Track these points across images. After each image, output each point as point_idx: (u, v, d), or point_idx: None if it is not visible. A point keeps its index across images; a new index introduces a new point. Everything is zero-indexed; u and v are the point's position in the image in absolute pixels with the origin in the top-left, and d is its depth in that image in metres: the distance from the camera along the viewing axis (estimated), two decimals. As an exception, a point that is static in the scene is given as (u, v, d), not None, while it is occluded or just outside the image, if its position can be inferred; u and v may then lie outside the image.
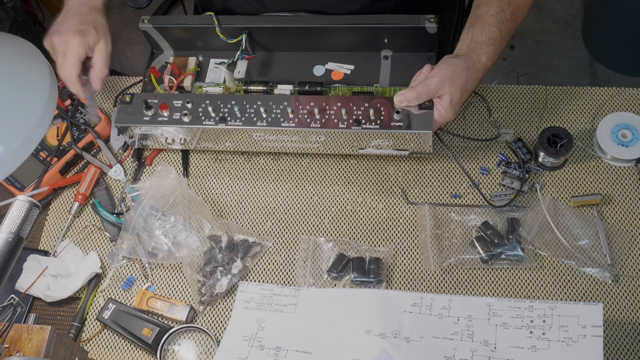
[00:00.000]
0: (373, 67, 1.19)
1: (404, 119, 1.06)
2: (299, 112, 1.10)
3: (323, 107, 1.09)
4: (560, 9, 2.44)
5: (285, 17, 1.22)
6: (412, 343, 1.02)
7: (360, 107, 1.09)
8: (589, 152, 1.19)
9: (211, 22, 1.18)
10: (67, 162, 1.24)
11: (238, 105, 1.11)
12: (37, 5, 2.16)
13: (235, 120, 1.11)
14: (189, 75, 1.23)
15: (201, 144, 1.20)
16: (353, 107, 1.09)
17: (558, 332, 0.99)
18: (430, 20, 1.12)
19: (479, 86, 1.26)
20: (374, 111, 1.07)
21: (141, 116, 1.14)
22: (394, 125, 1.07)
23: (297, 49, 1.22)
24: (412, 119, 1.06)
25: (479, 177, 1.19)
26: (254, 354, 1.05)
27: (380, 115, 1.07)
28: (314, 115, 1.09)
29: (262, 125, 1.10)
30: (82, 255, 1.18)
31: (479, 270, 1.12)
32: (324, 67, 1.21)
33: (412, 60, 1.16)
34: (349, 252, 1.14)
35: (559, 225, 1.11)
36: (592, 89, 1.25)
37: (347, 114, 1.08)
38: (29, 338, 0.93)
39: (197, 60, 1.25)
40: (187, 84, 1.23)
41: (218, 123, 1.11)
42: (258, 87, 1.19)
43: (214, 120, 1.11)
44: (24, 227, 0.82)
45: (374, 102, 1.08)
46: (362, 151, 1.14)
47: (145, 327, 1.10)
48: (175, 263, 1.16)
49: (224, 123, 1.11)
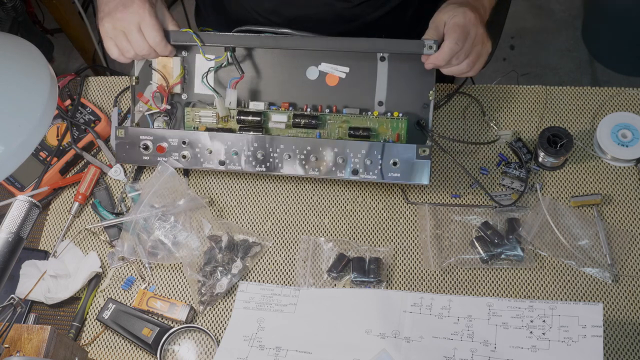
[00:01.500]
0: (369, 70, 1.15)
1: (401, 170, 1.09)
2: (297, 158, 1.12)
3: (320, 152, 1.11)
4: (560, 9, 2.44)
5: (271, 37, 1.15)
6: (412, 343, 1.02)
7: (357, 155, 1.10)
8: (589, 152, 1.19)
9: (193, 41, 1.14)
10: (67, 162, 1.24)
11: (235, 148, 1.13)
12: (37, 5, 2.16)
13: (235, 164, 1.14)
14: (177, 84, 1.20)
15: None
16: (350, 153, 1.10)
17: (558, 332, 0.99)
18: (430, 47, 1.08)
19: (476, 86, 1.26)
20: (370, 161, 1.10)
21: (140, 155, 1.17)
22: (391, 176, 1.10)
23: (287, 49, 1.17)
24: (410, 170, 1.09)
25: (478, 177, 1.19)
26: (254, 354, 1.05)
27: (378, 165, 1.10)
28: (311, 162, 1.12)
29: (261, 170, 1.14)
30: (82, 255, 1.18)
31: (479, 270, 1.12)
32: (318, 70, 1.17)
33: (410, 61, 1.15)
34: (349, 252, 1.14)
35: (559, 225, 1.11)
36: (592, 89, 1.25)
37: (344, 162, 1.11)
38: (29, 338, 0.93)
39: (181, 59, 1.19)
40: (178, 90, 1.20)
41: (218, 166, 1.15)
42: (252, 119, 1.16)
43: (213, 164, 1.15)
44: (24, 227, 0.82)
45: (371, 150, 1.10)
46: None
47: (145, 327, 1.10)
48: (175, 263, 1.16)
49: (223, 166, 1.14)
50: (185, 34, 1.15)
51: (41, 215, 1.23)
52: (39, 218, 1.07)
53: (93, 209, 1.21)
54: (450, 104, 1.25)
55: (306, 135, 1.16)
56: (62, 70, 2.47)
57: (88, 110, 1.28)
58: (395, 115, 1.14)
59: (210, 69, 1.17)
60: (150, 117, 1.20)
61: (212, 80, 1.18)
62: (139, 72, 1.20)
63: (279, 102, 1.18)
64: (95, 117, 1.27)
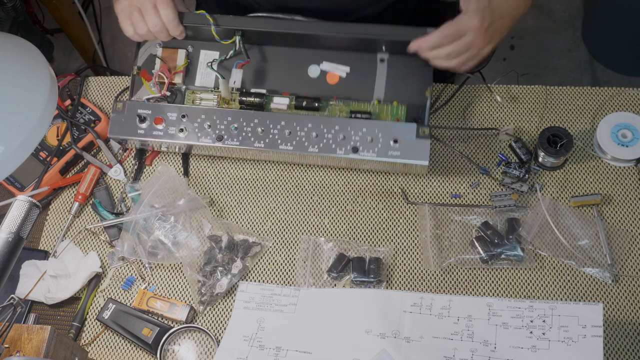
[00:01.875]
0: (369, 70, 1.17)
1: (401, 148, 1.09)
2: (297, 135, 1.12)
3: (321, 129, 1.11)
4: (560, 9, 2.44)
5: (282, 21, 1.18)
6: (412, 343, 1.02)
7: (358, 133, 1.10)
8: (589, 152, 1.19)
9: (205, 22, 1.15)
10: (67, 162, 1.24)
11: (235, 123, 1.12)
12: (37, 5, 2.16)
13: (233, 139, 1.13)
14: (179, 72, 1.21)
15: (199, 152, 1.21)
16: (351, 131, 1.10)
17: (558, 332, 0.99)
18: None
19: (476, 87, 1.26)
20: (371, 139, 1.10)
21: (135, 128, 1.15)
22: (391, 154, 1.09)
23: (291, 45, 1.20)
24: (410, 149, 1.09)
25: (478, 177, 1.19)
26: (254, 354, 1.05)
27: (378, 143, 1.10)
28: (312, 138, 1.11)
29: (260, 146, 1.12)
30: (82, 255, 1.18)
31: (479, 270, 1.12)
32: (319, 68, 1.19)
33: (409, 63, 1.15)
34: (349, 252, 1.14)
35: (559, 225, 1.12)
36: (592, 89, 1.25)
37: (344, 139, 1.10)
38: (29, 338, 0.93)
39: (186, 53, 1.21)
40: (179, 80, 1.21)
41: (215, 141, 1.13)
42: (254, 100, 1.17)
43: (210, 139, 1.13)
44: (24, 227, 0.82)
45: (372, 128, 1.10)
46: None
47: (145, 327, 1.10)
48: (175, 263, 1.16)
49: (220, 142, 1.13)
50: (198, 15, 1.15)
51: (41, 215, 1.23)
52: (39, 218, 1.07)
53: (93, 209, 1.21)
54: (450, 105, 1.25)
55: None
56: (62, 70, 2.47)
57: (88, 110, 1.28)
58: (394, 104, 1.15)
59: (216, 60, 1.19)
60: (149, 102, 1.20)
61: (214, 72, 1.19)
62: (142, 64, 1.21)
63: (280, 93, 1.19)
64: (95, 117, 1.27)
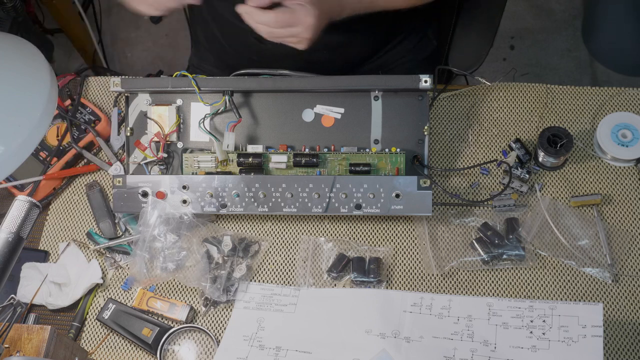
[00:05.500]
0: (364, 109, 1.15)
1: (404, 202, 1.09)
2: (299, 197, 1.11)
3: (322, 189, 1.10)
4: (560, 9, 2.44)
5: (269, 78, 1.15)
6: (412, 343, 1.02)
7: (359, 189, 1.10)
8: (589, 152, 1.19)
9: (189, 85, 1.14)
10: (67, 162, 1.24)
11: (236, 189, 1.12)
12: (37, 5, 2.16)
13: (236, 206, 1.12)
14: (173, 132, 1.18)
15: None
16: (352, 188, 1.10)
17: (558, 332, 0.99)
18: (426, 81, 1.09)
19: (476, 87, 1.26)
20: (373, 194, 1.09)
21: (139, 203, 1.14)
22: (394, 209, 1.09)
23: (283, 92, 1.17)
24: (412, 201, 1.09)
25: (479, 177, 1.19)
26: (254, 354, 1.05)
27: (380, 198, 1.10)
28: (314, 199, 1.11)
29: (264, 211, 1.12)
30: (83, 259, 1.17)
31: (479, 271, 1.12)
32: (313, 112, 1.16)
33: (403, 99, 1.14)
34: (349, 252, 1.14)
35: (559, 225, 1.12)
36: (592, 89, 1.25)
37: (346, 198, 1.10)
38: (29, 338, 0.93)
39: (177, 108, 1.18)
40: (173, 138, 1.18)
41: (219, 209, 1.13)
42: (252, 161, 1.15)
43: (214, 207, 1.13)
44: (24, 227, 0.82)
45: (373, 183, 1.09)
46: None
47: (145, 327, 1.10)
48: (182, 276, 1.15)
49: (224, 209, 1.12)
50: (183, 79, 1.13)
51: (41, 215, 1.23)
52: (39, 218, 1.07)
53: (89, 238, 1.19)
54: (451, 105, 1.25)
55: (307, 174, 1.15)
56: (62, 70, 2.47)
57: (88, 110, 1.28)
58: (393, 150, 1.14)
59: (207, 115, 1.16)
60: (147, 167, 1.18)
61: (208, 126, 1.17)
62: (133, 123, 1.18)
63: (276, 145, 1.17)
64: (95, 117, 1.27)
